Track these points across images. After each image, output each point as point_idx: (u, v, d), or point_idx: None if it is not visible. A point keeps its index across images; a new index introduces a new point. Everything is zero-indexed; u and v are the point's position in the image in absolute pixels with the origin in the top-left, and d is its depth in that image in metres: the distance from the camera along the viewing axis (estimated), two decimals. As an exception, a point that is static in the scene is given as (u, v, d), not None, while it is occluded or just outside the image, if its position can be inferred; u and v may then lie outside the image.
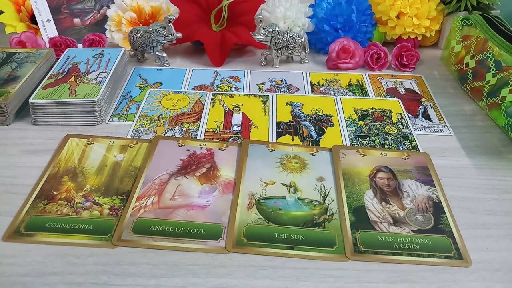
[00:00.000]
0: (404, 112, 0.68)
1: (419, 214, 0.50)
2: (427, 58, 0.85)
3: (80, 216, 0.48)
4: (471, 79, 0.70)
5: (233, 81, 0.76)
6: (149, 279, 0.42)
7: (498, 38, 0.66)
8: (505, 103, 0.61)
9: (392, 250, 0.45)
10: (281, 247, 0.45)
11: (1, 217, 0.48)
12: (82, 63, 0.71)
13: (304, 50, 0.80)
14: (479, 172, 0.57)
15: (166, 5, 0.85)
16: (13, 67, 0.69)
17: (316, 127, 0.64)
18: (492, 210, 0.51)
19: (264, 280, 0.42)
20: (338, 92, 0.73)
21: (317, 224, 0.48)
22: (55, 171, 0.54)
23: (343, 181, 0.54)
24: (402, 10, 0.81)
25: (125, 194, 0.51)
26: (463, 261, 0.45)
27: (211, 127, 0.64)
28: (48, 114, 0.63)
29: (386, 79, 0.78)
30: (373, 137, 0.62)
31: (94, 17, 0.86)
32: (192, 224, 0.47)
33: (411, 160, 0.57)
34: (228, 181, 0.53)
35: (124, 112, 0.67)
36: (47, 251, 0.44)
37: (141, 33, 0.77)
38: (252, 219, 0.48)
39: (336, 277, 0.43)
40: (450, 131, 0.64)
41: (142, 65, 0.81)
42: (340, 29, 0.82)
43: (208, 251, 0.45)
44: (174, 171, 0.54)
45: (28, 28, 0.82)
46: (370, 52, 0.79)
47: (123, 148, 0.58)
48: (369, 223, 0.48)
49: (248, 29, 0.78)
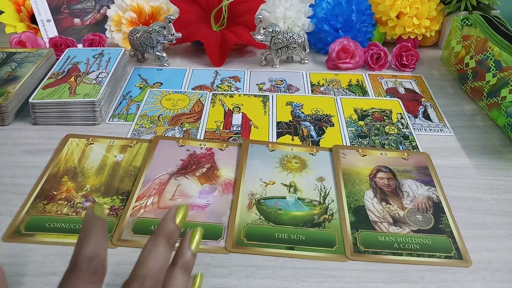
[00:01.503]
0: (404, 112, 0.68)
1: (419, 214, 0.50)
2: (427, 58, 0.85)
3: (80, 216, 0.48)
4: (471, 79, 0.70)
5: (233, 81, 0.76)
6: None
7: (498, 38, 0.66)
8: (505, 103, 0.61)
9: (392, 250, 0.45)
10: (281, 247, 0.45)
11: (1, 217, 0.48)
12: (82, 63, 0.71)
13: (304, 50, 0.80)
14: (479, 172, 0.57)
15: (166, 5, 0.85)
16: (13, 67, 0.69)
17: (316, 127, 0.64)
18: (492, 210, 0.51)
19: (264, 280, 0.42)
20: (338, 92, 0.73)
21: (317, 224, 0.48)
22: (55, 171, 0.54)
23: (343, 181, 0.54)
24: (402, 10, 0.81)
25: (125, 194, 0.51)
26: (463, 261, 0.45)
27: (211, 127, 0.64)
28: (48, 114, 0.63)
29: (386, 79, 0.78)
30: (373, 137, 0.62)
31: (94, 17, 0.86)
32: (192, 224, 0.47)
33: (411, 160, 0.57)
34: (228, 181, 0.53)
35: (124, 112, 0.67)
36: (47, 251, 0.44)
37: (141, 33, 0.77)
38: (252, 219, 0.48)
39: (336, 277, 0.43)
40: (450, 131, 0.64)
41: (142, 65, 0.81)
42: (340, 29, 0.82)
43: (208, 251, 0.45)
44: (174, 171, 0.54)
45: (28, 28, 0.82)
46: (370, 52, 0.79)
47: (123, 148, 0.58)
48: (369, 223, 0.48)
49: (248, 29, 0.78)
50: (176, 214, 0.32)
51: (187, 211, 0.33)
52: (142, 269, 0.29)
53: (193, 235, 0.32)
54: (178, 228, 0.32)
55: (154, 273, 0.29)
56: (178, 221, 0.32)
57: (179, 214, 0.32)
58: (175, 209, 0.32)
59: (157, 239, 0.31)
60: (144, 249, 0.30)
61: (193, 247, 0.32)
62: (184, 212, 0.32)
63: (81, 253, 0.28)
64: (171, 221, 0.31)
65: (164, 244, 0.31)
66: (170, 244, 0.31)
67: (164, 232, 0.31)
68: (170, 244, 0.31)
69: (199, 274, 0.34)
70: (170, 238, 0.31)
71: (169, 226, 0.31)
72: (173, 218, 0.32)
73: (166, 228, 0.31)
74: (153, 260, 0.30)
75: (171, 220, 0.31)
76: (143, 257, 0.30)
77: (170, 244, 0.31)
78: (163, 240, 0.31)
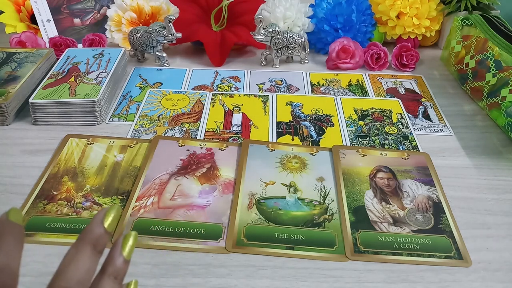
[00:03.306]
0: (404, 112, 0.68)
1: (419, 214, 0.50)
2: (427, 58, 0.85)
3: (80, 216, 0.48)
4: (471, 79, 0.70)
5: (233, 81, 0.76)
6: (149, 279, 0.42)
7: (498, 38, 0.66)
8: (505, 103, 0.61)
9: (392, 250, 0.45)
10: (281, 247, 0.45)
11: (1, 217, 0.48)
12: (82, 63, 0.71)
13: (304, 50, 0.80)
14: (479, 172, 0.57)
15: (166, 5, 0.85)
16: (13, 67, 0.69)
17: (316, 127, 0.64)
18: (492, 210, 0.51)
19: (264, 280, 0.42)
20: (338, 92, 0.73)
21: (317, 224, 0.48)
22: (55, 171, 0.54)
23: (343, 181, 0.54)
24: (402, 10, 0.81)
25: (125, 194, 0.51)
26: (463, 261, 0.45)
27: (211, 127, 0.64)
28: (48, 114, 0.63)
29: (386, 79, 0.78)
30: (373, 137, 0.62)
31: (94, 17, 0.86)
32: (192, 224, 0.47)
33: (411, 160, 0.57)
34: (228, 181, 0.53)
35: (124, 112, 0.67)
36: (47, 251, 0.44)
37: (141, 33, 0.77)
38: (252, 219, 0.48)
39: (336, 277, 0.43)
40: (450, 131, 0.64)
41: (142, 65, 0.81)
42: (340, 29, 0.82)
43: (208, 251, 0.45)
44: (174, 171, 0.54)
45: (28, 28, 0.82)
46: (370, 52, 0.79)
47: (123, 148, 0.58)
48: (369, 223, 0.48)
49: (248, 29, 0.78)
50: (105, 216, 0.27)
51: (118, 213, 0.29)
52: (61, 280, 0.25)
53: (126, 239, 0.28)
54: (107, 233, 0.27)
55: (75, 284, 0.25)
56: (108, 224, 0.27)
57: (108, 216, 0.28)
58: (105, 210, 0.28)
59: (80, 245, 0.27)
60: (65, 257, 0.26)
61: (125, 253, 0.28)
62: (115, 215, 0.28)
63: None
64: (98, 224, 0.27)
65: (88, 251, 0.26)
66: (96, 251, 0.27)
67: (89, 237, 0.27)
68: (97, 251, 0.27)
69: (133, 282, 0.30)
70: (97, 244, 0.27)
71: (95, 230, 0.27)
72: (101, 220, 0.27)
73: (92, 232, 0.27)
74: (74, 269, 0.26)
75: (98, 223, 0.27)
76: (63, 266, 0.26)
77: (96, 251, 0.27)
78: (87, 246, 0.27)
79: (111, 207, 0.28)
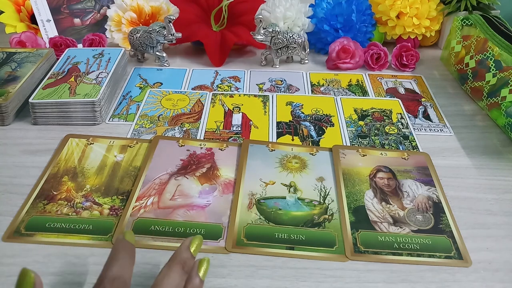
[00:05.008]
0: (404, 112, 0.68)
1: (419, 214, 0.50)
2: (427, 58, 0.85)
3: (80, 216, 0.48)
4: (471, 79, 0.70)
5: (233, 81, 0.76)
6: (149, 279, 0.42)
7: (498, 38, 0.66)
8: (505, 103, 0.61)
9: (392, 250, 0.45)
10: (281, 247, 0.45)
11: (1, 217, 0.48)
12: (82, 63, 0.71)
13: (304, 50, 0.80)
14: (479, 172, 0.57)
15: (166, 5, 0.85)
16: (13, 67, 0.69)
17: (316, 127, 0.64)
18: (492, 210, 0.51)
19: (264, 280, 0.42)
20: (338, 92, 0.73)
21: (317, 224, 0.48)
22: (55, 171, 0.54)
23: (343, 181, 0.54)
24: (402, 10, 0.81)
25: (125, 194, 0.51)
26: (463, 261, 0.45)
27: (211, 127, 0.64)
28: (48, 114, 0.63)
29: (386, 79, 0.78)
30: (373, 137, 0.62)
31: (94, 17, 0.86)
32: (192, 224, 0.47)
33: (411, 160, 0.57)
34: (228, 181, 0.53)
35: (124, 112, 0.67)
36: (47, 251, 0.44)
37: (141, 33, 0.77)
38: (252, 219, 0.48)
39: (336, 277, 0.43)
40: (450, 131, 0.64)
41: (142, 65, 0.81)
42: (340, 29, 0.82)
43: (208, 251, 0.45)
44: (174, 171, 0.54)
45: (28, 28, 0.82)
46: (370, 52, 0.79)
47: (123, 148, 0.58)
48: (369, 223, 0.48)
49: (248, 29, 0.78)
50: (191, 243, 0.37)
51: (201, 242, 0.38)
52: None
53: (201, 263, 0.36)
54: (193, 257, 0.36)
55: None
56: (193, 250, 0.37)
57: (193, 244, 0.37)
58: (191, 239, 0.37)
59: (172, 265, 0.35)
60: (160, 274, 0.34)
61: (201, 274, 0.35)
62: (199, 243, 0.37)
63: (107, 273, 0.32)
64: (186, 249, 0.36)
65: (178, 270, 0.34)
66: (183, 271, 0.35)
67: (179, 259, 0.35)
68: (184, 271, 0.35)
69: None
70: (185, 265, 0.35)
71: (183, 254, 0.36)
72: (188, 247, 0.36)
73: (181, 255, 0.36)
74: (167, 283, 0.33)
75: (186, 249, 0.36)
76: (159, 280, 0.33)
77: (183, 271, 0.35)
78: (178, 266, 0.35)
79: (196, 237, 0.38)
